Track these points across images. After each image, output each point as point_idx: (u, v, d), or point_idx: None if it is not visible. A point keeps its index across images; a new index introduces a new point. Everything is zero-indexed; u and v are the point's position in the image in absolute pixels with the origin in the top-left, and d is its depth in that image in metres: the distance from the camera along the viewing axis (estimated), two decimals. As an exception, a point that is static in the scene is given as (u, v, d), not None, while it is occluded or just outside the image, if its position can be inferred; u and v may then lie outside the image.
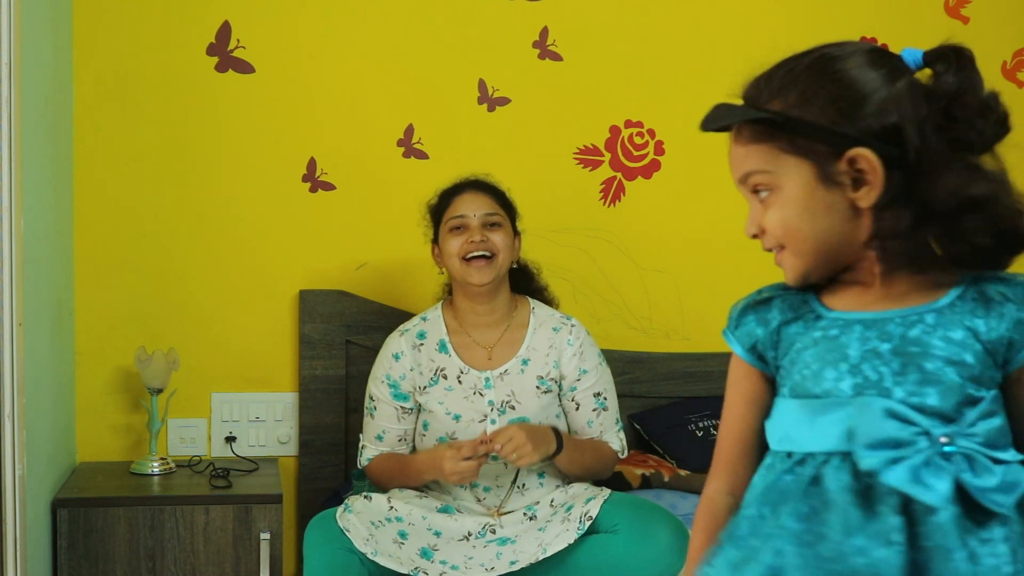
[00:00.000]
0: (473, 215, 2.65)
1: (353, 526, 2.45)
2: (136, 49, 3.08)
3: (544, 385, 2.67)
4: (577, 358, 2.68)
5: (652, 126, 3.36)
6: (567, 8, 3.29)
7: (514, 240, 2.71)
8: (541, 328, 2.71)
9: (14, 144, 2.31)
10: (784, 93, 1.31)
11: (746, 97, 1.36)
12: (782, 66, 1.33)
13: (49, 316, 2.74)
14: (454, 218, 2.66)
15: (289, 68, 3.16)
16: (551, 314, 2.75)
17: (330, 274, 3.19)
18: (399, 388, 2.68)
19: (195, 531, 2.73)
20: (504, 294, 2.72)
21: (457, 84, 3.25)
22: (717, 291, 3.41)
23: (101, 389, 3.08)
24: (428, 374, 2.67)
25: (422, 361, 2.68)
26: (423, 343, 2.70)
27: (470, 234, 2.63)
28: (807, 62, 1.32)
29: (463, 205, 2.67)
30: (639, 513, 2.48)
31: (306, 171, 3.18)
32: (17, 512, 2.34)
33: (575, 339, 2.69)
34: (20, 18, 2.36)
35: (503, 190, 2.75)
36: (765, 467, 1.37)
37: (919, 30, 3.46)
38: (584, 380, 2.69)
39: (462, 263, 2.63)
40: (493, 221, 2.66)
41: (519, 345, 2.69)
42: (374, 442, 2.71)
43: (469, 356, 2.69)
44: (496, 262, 2.64)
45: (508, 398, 2.65)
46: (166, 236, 3.11)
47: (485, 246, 2.62)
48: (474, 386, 2.65)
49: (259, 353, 3.16)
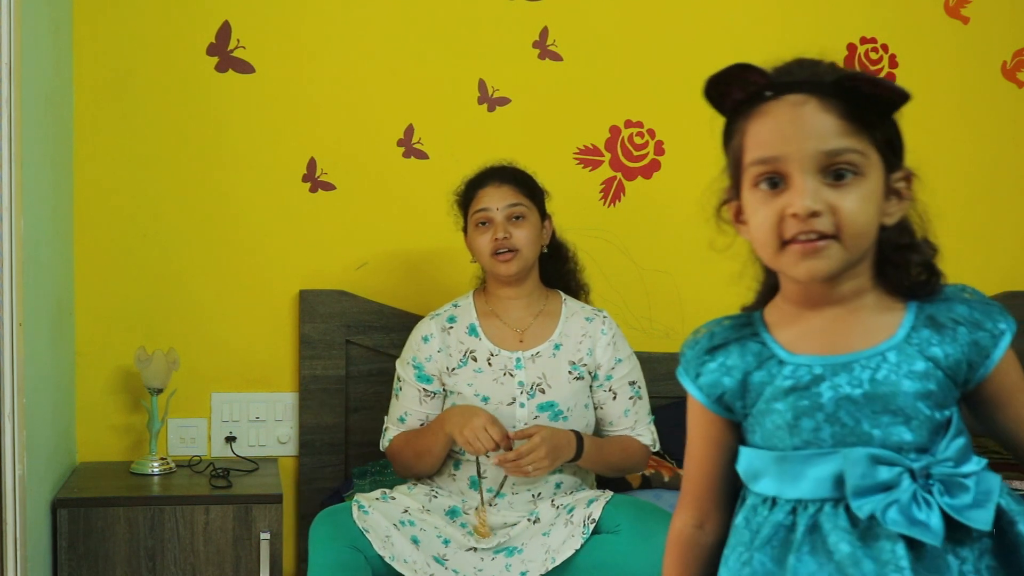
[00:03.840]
0: (496, 208, 2.66)
1: (372, 528, 2.45)
2: (136, 49, 3.08)
3: (576, 371, 2.67)
4: (612, 348, 2.70)
5: (652, 126, 3.36)
6: (567, 8, 3.29)
7: (541, 228, 2.72)
8: (573, 317, 2.73)
9: (14, 144, 2.31)
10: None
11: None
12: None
13: (49, 316, 2.74)
14: (479, 212, 2.68)
15: (289, 68, 3.16)
16: (582, 306, 2.77)
17: (330, 274, 3.19)
18: (423, 370, 2.68)
19: (195, 531, 2.73)
20: (534, 277, 2.73)
21: (457, 84, 3.25)
22: (717, 291, 3.41)
23: (101, 389, 3.08)
24: (457, 356, 2.68)
25: (451, 343, 2.69)
26: (453, 327, 2.71)
27: (494, 230, 2.64)
28: None
29: (487, 198, 2.68)
30: (641, 515, 2.48)
31: (306, 171, 3.18)
32: (17, 512, 2.34)
33: (608, 329, 2.72)
34: (20, 18, 2.36)
35: (528, 175, 2.74)
36: (748, 508, 1.38)
37: (919, 30, 3.47)
38: (619, 368, 2.70)
39: (490, 258, 2.65)
40: (517, 213, 2.66)
41: (552, 330, 2.71)
42: (396, 424, 2.70)
43: (500, 338, 2.70)
44: (521, 256, 2.65)
45: (539, 380, 2.65)
46: (166, 236, 3.11)
47: (508, 243, 2.63)
48: (504, 367, 2.65)
49: (259, 353, 3.16)
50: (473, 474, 2.61)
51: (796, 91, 1.30)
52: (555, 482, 2.63)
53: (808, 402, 1.32)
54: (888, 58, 3.47)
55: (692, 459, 1.47)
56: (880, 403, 1.30)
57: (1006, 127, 3.56)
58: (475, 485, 2.61)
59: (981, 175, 3.54)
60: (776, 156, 1.30)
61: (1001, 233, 3.55)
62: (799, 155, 1.28)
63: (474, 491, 2.62)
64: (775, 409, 1.34)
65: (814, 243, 1.28)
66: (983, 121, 3.53)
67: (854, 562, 1.27)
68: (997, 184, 3.54)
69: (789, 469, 1.33)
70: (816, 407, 1.32)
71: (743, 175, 1.35)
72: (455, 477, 2.65)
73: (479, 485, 2.59)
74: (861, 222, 1.28)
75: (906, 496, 1.26)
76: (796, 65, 1.34)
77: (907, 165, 1.36)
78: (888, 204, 1.33)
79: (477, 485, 2.60)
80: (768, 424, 1.35)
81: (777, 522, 1.33)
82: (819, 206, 1.27)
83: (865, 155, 1.29)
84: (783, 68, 1.34)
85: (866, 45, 3.46)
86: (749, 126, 1.34)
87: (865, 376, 1.31)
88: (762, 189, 1.32)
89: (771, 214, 1.31)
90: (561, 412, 2.63)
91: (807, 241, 1.28)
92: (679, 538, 1.48)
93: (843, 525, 1.29)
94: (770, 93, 1.32)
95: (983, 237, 3.51)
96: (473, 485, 2.62)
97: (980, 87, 3.53)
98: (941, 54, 3.51)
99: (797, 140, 1.28)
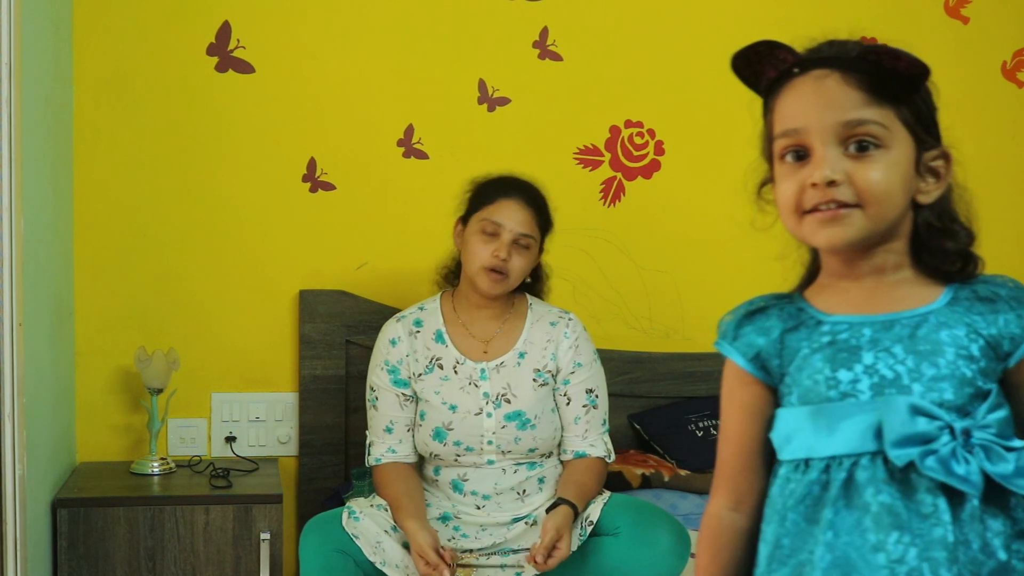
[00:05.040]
0: (509, 229, 2.60)
1: (363, 534, 2.45)
2: (136, 49, 3.08)
3: (541, 378, 2.65)
4: (573, 351, 2.67)
5: (652, 126, 3.36)
6: (567, 8, 3.29)
7: (535, 260, 2.69)
8: (539, 322, 2.69)
9: (14, 144, 2.31)
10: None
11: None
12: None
13: (49, 316, 2.73)
14: (490, 221, 2.61)
15: (289, 68, 3.16)
16: (548, 309, 2.73)
17: (330, 274, 3.19)
18: (398, 374, 2.66)
19: (195, 531, 2.73)
20: (507, 296, 2.71)
21: (457, 84, 3.25)
22: (717, 291, 3.41)
23: (101, 389, 3.08)
24: (424, 361, 2.65)
25: (418, 348, 2.66)
26: (420, 331, 2.68)
27: (498, 248, 2.58)
28: None
29: (505, 212, 2.61)
30: (640, 516, 2.48)
31: (306, 171, 3.18)
32: (17, 512, 2.34)
33: (572, 332, 2.68)
34: (20, 18, 2.36)
35: (548, 206, 2.69)
36: (781, 479, 1.37)
37: (919, 30, 3.47)
38: (578, 374, 2.67)
39: (480, 269, 2.60)
40: (525, 243, 2.62)
41: (516, 338, 2.68)
42: (382, 436, 2.65)
43: (465, 347, 2.67)
44: (507, 281, 2.61)
45: (504, 391, 2.63)
46: (166, 236, 3.11)
47: (504, 266, 2.58)
48: (469, 377, 2.64)
49: (259, 353, 3.16)
50: (455, 477, 2.62)
51: (820, 66, 1.34)
52: (538, 476, 2.64)
53: (847, 354, 1.32)
54: (888, 58, 3.47)
55: (727, 437, 1.46)
56: (920, 358, 1.30)
57: (1006, 127, 3.56)
58: (458, 488, 2.61)
59: (981, 175, 3.52)
60: (798, 128, 1.33)
61: (1001, 233, 3.55)
62: (819, 126, 1.31)
63: (457, 494, 2.62)
64: (812, 363, 1.34)
65: (834, 211, 1.30)
66: (983, 121, 3.52)
67: (894, 513, 1.26)
68: (997, 184, 3.54)
69: (824, 423, 1.32)
70: (854, 358, 1.32)
71: (773, 150, 1.38)
72: (437, 483, 2.65)
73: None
74: (881, 190, 1.30)
75: (946, 451, 1.26)
76: (826, 44, 1.38)
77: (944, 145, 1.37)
78: (923, 183, 1.35)
79: (460, 488, 2.61)
80: (805, 380, 1.35)
81: (811, 480, 1.32)
82: (837, 175, 1.30)
83: (888, 128, 1.31)
84: (813, 48, 1.38)
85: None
86: (777, 102, 1.37)
87: (905, 332, 1.31)
88: (787, 162, 1.35)
89: (794, 184, 1.34)
90: (528, 420, 2.61)
91: (826, 210, 1.31)
92: (712, 522, 1.46)
93: (881, 477, 1.28)
94: (797, 70, 1.35)
95: (983, 237, 3.47)
96: (455, 488, 2.62)
97: (980, 87, 3.53)
98: (941, 54, 3.49)
99: (818, 111, 1.32)
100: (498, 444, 2.59)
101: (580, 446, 2.65)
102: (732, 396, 1.45)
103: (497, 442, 2.59)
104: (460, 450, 2.59)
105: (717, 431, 3.15)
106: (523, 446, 2.61)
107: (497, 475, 2.61)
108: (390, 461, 2.63)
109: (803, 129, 1.33)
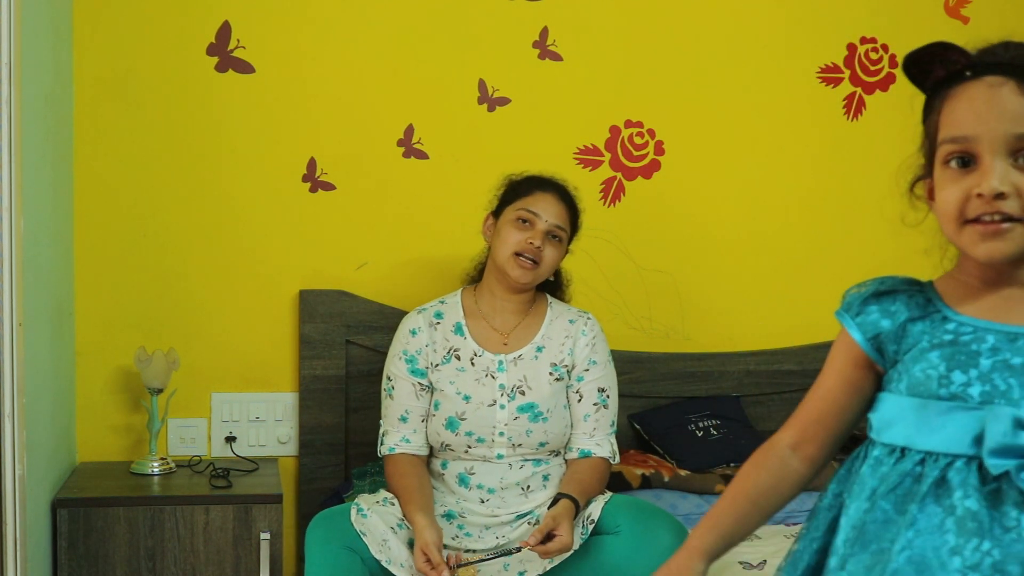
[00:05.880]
0: (545, 219, 2.67)
1: (370, 531, 2.45)
2: (136, 49, 3.08)
3: (557, 372, 2.68)
4: (589, 348, 2.71)
5: (652, 126, 3.36)
6: (567, 8, 3.29)
7: (563, 256, 2.75)
8: (558, 320, 2.74)
9: (14, 144, 2.31)
10: None
11: None
12: None
13: (49, 316, 2.74)
14: (527, 211, 2.68)
15: (289, 68, 3.16)
16: (567, 308, 2.79)
17: (330, 274, 3.19)
18: (416, 363, 2.68)
19: (195, 531, 2.73)
20: (531, 291, 2.75)
21: (457, 84, 3.25)
22: (717, 291, 3.42)
23: (101, 389, 3.08)
24: (441, 352, 2.68)
25: (437, 339, 2.70)
26: (440, 322, 2.72)
27: (533, 236, 2.65)
28: None
29: (542, 204, 2.69)
30: (640, 515, 2.49)
31: (306, 171, 3.18)
32: (17, 512, 2.34)
33: (589, 330, 2.73)
34: (20, 18, 2.36)
35: (579, 209, 2.77)
36: (872, 460, 1.38)
37: (919, 30, 3.46)
38: (592, 371, 2.70)
39: (511, 255, 2.65)
40: (558, 235, 2.69)
41: (535, 333, 2.72)
42: (397, 425, 2.66)
43: (484, 339, 2.70)
44: (539, 271, 2.67)
45: (520, 383, 2.66)
46: (166, 236, 3.11)
47: (538, 253, 2.65)
48: (487, 369, 2.66)
49: (259, 353, 3.16)
50: (462, 471, 2.63)
51: (995, 72, 1.31)
52: (543, 473, 2.65)
53: (965, 357, 1.32)
54: (888, 58, 3.47)
55: (817, 390, 1.47)
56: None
57: (1006, 127, 3.55)
58: (463, 482, 2.62)
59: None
60: (968, 136, 1.31)
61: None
62: (991, 136, 1.30)
63: (463, 488, 2.63)
64: (929, 358, 1.34)
65: (997, 224, 1.29)
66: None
67: (978, 520, 1.26)
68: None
69: (929, 418, 1.32)
70: (972, 363, 1.31)
71: (936, 152, 1.36)
72: (444, 477, 2.66)
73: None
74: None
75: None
76: (1001, 47, 1.35)
77: None
78: None
79: (466, 482, 2.62)
80: (917, 372, 1.34)
81: (904, 471, 1.32)
82: (1006, 188, 1.28)
83: None
84: (987, 49, 1.35)
85: (866, 45, 3.47)
86: (945, 105, 1.35)
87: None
88: (952, 167, 1.33)
89: (958, 192, 1.32)
90: (541, 413, 2.63)
91: (990, 222, 1.29)
92: (767, 446, 1.48)
93: (973, 482, 1.28)
94: (969, 73, 1.33)
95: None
96: (461, 482, 2.62)
97: (980, 87, 3.53)
98: (941, 54, 3.51)
99: (990, 121, 1.30)
100: (510, 436, 2.61)
101: (586, 444, 2.68)
102: (839, 368, 1.45)
103: (509, 434, 2.61)
104: (472, 441, 2.61)
105: (717, 431, 3.18)
106: (534, 439, 2.62)
107: (503, 470, 2.62)
108: (402, 452, 2.64)
109: (973, 137, 1.31)
